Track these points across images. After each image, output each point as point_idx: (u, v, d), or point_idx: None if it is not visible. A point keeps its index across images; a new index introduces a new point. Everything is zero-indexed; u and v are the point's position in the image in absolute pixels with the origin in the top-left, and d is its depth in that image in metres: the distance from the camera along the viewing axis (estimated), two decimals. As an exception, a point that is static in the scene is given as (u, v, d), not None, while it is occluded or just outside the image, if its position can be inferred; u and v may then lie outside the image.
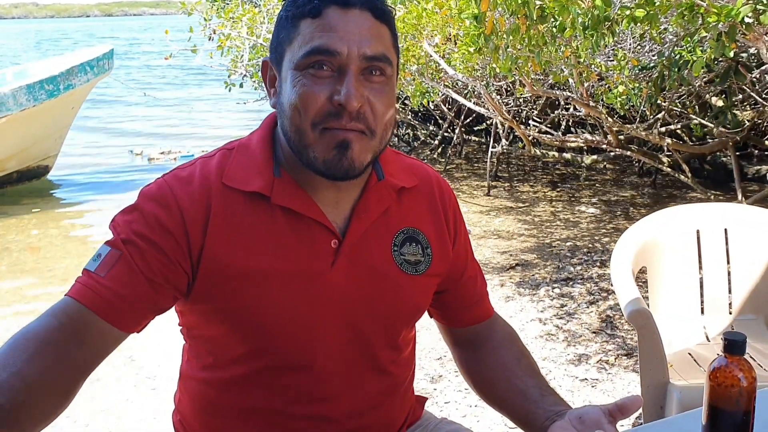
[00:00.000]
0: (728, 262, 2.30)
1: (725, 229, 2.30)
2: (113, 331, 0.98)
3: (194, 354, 1.13)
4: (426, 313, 1.22)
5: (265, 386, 1.07)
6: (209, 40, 6.30)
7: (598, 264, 4.35)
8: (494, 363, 1.20)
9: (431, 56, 4.77)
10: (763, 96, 4.28)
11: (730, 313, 2.27)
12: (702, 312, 2.28)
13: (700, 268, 2.31)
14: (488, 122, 6.49)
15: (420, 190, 1.15)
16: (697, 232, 2.31)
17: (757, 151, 5.69)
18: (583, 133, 6.05)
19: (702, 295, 2.29)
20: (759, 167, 5.50)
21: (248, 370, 1.06)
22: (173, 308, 1.10)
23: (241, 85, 6.65)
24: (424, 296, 1.15)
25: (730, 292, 2.30)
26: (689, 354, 2.13)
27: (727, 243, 2.29)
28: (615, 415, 1.02)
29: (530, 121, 6.27)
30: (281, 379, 1.06)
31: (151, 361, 3.22)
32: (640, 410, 2.42)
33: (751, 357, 2.08)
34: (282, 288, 1.02)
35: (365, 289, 1.07)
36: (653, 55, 4.11)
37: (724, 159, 5.94)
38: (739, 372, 0.98)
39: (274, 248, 1.02)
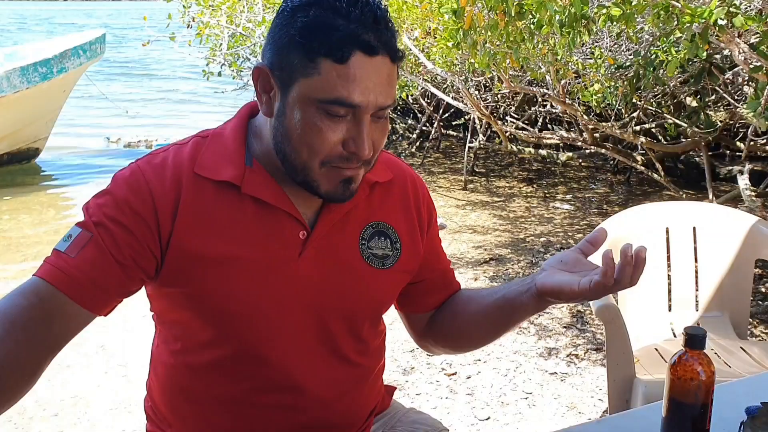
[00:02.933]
0: (696, 260, 2.34)
1: (694, 228, 2.34)
2: (82, 313, 0.98)
3: (163, 339, 1.13)
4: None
5: (231, 373, 1.08)
6: (188, 27, 6.25)
7: (570, 260, 4.40)
8: (456, 311, 1.23)
9: (411, 50, 4.78)
10: (736, 97, 4.34)
11: (697, 310, 2.31)
12: (669, 309, 2.32)
13: (669, 265, 2.34)
14: (466, 117, 6.52)
15: (393, 185, 1.17)
16: (667, 229, 2.34)
17: (729, 152, 5.78)
18: (560, 130, 6.10)
19: (670, 292, 2.33)
20: (730, 168, 5.58)
21: (214, 356, 1.07)
22: (145, 294, 1.11)
23: (219, 74, 6.60)
24: (390, 290, 1.17)
25: (697, 289, 2.34)
26: (656, 349, 2.17)
27: (695, 241, 2.33)
28: (587, 251, 1.07)
29: (508, 117, 6.31)
30: (247, 366, 1.07)
31: (122, 348, 3.21)
32: (606, 404, 2.46)
33: (716, 354, 2.12)
34: (248, 276, 1.03)
35: (330, 281, 1.08)
36: (629, 54, 4.15)
37: (697, 159, 6.02)
38: (699, 366, 1.01)
39: (242, 237, 1.04)
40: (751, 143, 4.56)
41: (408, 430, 1.22)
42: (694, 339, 1.01)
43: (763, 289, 3.77)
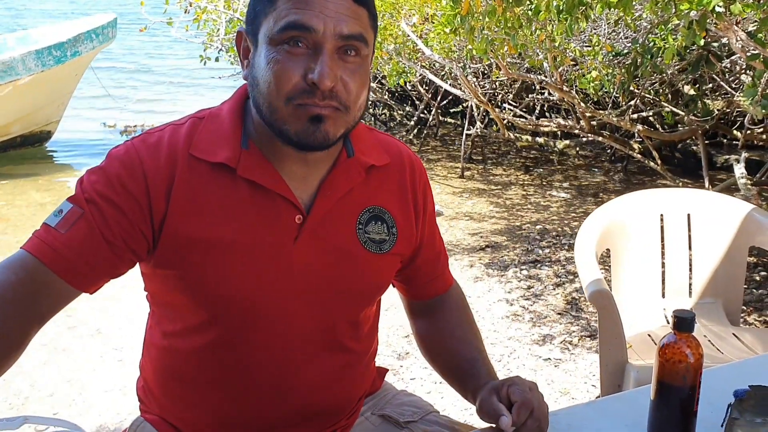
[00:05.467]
0: (690, 248, 2.35)
1: (688, 215, 2.34)
2: (68, 289, 0.98)
3: (156, 320, 1.13)
4: (392, 290, 1.24)
5: (224, 356, 1.07)
6: (185, 12, 6.22)
7: (566, 247, 4.41)
8: (442, 331, 1.24)
9: (409, 36, 4.77)
10: (733, 86, 4.34)
11: (690, 297, 2.32)
12: (663, 295, 2.33)
13: (663, 252, 2.35)
14: (464, 104, 6.51)
15: (390, 169, 1.15)
16: (661, 216, 2.35)
17: (726, 141, 5.78)
18: (557, 117, 6.09)
19: (663, 279, 2.34)
20: (727, 156, 5.58)
21: (207, 339, 1.07)
22: (140, 274, 1.11)
23: (216, 59, 6.58)
24: (387, 274, 1.16)
25: (690, 276, 2.35)
26: (648, 335, 2.18)
27: (689, 228, 2.34)
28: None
29: (505, 105, 6.30)
30: (239, 350, 1.07)
31: (118, 332, 3.22)
32: (599, 390, 2.47)
33: (708, 340, 2.13)
34: (243, 260, 1.02)
35: (327, 266, 1.07)
36: (627, 42, 4.14)
37: (694, 147, 6.02)
38: (687, 348, 1.02)
39: (238, 220, 1.02)
40: (748, 132, 4.56)
41: (398, 412, 1.22)
42: (683, 322, 1.02)
43: (757, 278, 3.78)
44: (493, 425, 1.08)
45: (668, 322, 2.27)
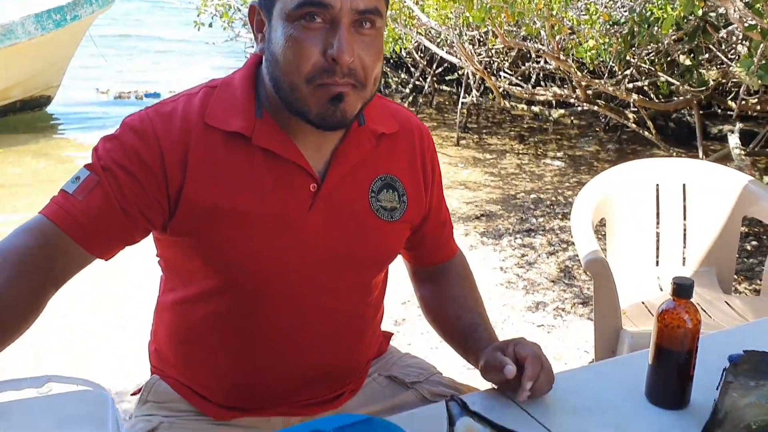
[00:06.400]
0: (684, 217, 2.38)
1: (684, 185, 2.37)
2: (84, 255, 1.00)
3: (170, 286, 1.15)
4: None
5: (237, 321, 1.10)
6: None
7: (560, 216, 4.44)
8: (445, 297, 1.27)
9: (405, 2, 4.74)
10: (729, 56, 4.34)
11: (684, 266, 2.36)
12: (657, 264, 2.37)
13: (658, 221, 2.38)
14: (460, 72, 6.49)
15: (400, 137, 1.17)
16: (657, 186, 2.38)
17: (720, 111, 5.80)
18: (552, 86, 6.09)
19: (658, 248, 2.38)
20: (721, 127, 5.61)
21: (221, 305, 1.09)
22: (148, 243, 1.12)
23: (210, 25, 6.52)
24: (397, 242, 1.19)
25: (684, 245, 2.38)
26: (642, 303, 2.22)
27: (684, 198, 2.37)
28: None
29: (501, 73, 6.28)
30: (253, 315, 1.09)
31: (117, 296, 3.24)
32: (591, 356, 2.52)
33: (701, 308, 2.17)
34: (259, 228, 1.04)
35: (341, 234, 1.09)
36: (625, 11, 4.13)
37: (688, 118, 6.04)
38: (686, 314, 1.05)
39: (253, 189, 1.04)
40: (743, 102, 4.58)
41: (403, 374, 1.25)
42: (682, 288, 1.05)
43: (748, 247, 3.83)
44: (495, 386, 1.12)
45: (661, 290, 2.31)
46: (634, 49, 4.37)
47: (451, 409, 1.00)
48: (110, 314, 3.11)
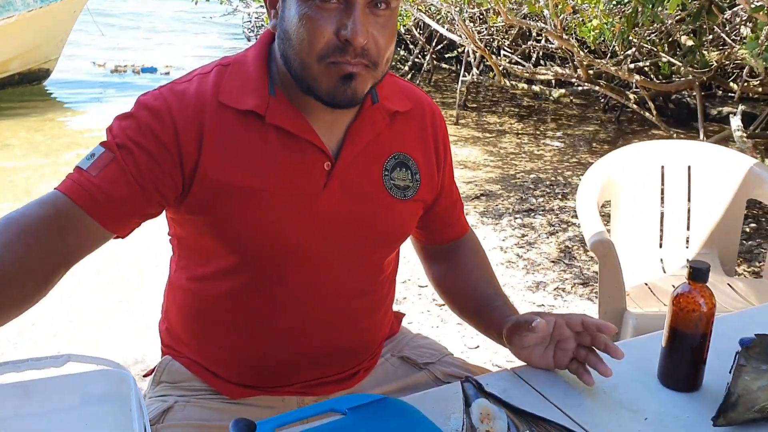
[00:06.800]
0: (689, 199, 2.38)
1: (689, 167, 2.37)
2: (98, 229, 0.99)
3: (183, 265, 1.15)
4: None
5: (251, 299, 1.10)
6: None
7: (559, 196, 4.45)
8: (461, 276, 1.27)
9: (407, -21, 4.69)
10: (732, 37, 4.33)
11: (688, 248, 2.37)
12: (660, 246, 2.38)
13: (662, 203, 2.39)
14: (459, 50, 6.45)
15: (413, 115, 1.16)
16: (662, 168, 2.37)
17: (720, 92, 5.79)
18: (553, 66, 6.06)
19: (662, 230, 2.38)
20: (721, 108, 5.61)
21: (235, 283, 1.09)
22: (164, 219, 1.12)
23: (207, 0, 6.46)
24: (410, 220, 1.18)
25: (688, 228, 2.39)
26: (646, 284, 2.23)
27: (689, 180, 2.37)
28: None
29: (501, 52, 6.25)
30: (267, 293, 1.09)
31: (117, 273, 3.24)
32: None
33: (702, 289, 2.18)
34: (273, 206, 1.04)
35: (355, 212, 1.09)
36: (629, -10, 4.10)
37: (687, 99, 6.03)
38: (701, 298, 1.05)
39: (267, 167, 1.03)
40: (745, 84, 4.57)
41: (416, 354, 1.26)
42: (698, 272, 1.05)
43: (747, 229, 3.85)
44: (508, 368, 1.12)
45: (665, 272, 2.32)
46: (636, 29, 4.35)
47: (466, 390, 1.00)
48: (117, 298, 3.11)
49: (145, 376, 1.25)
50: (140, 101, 1.03)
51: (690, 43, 4.63)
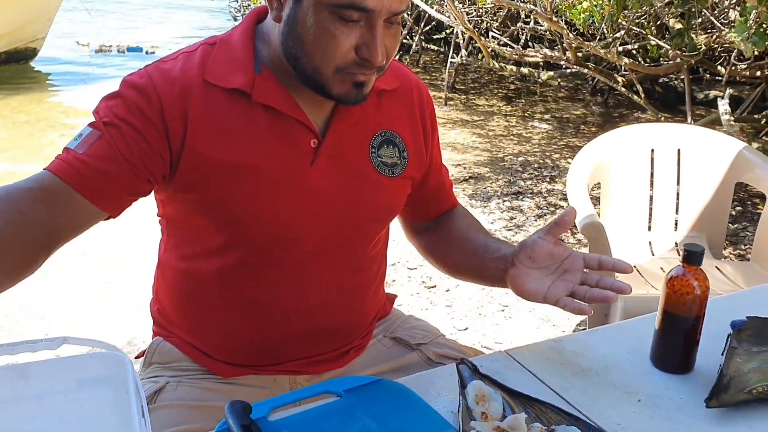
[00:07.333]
0: (678, 182, 2.40)
1: (678, 150, 2.38)
2: (87, 206, 0.98)
3: (173, 244, 1.14)
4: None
5: (241, 278, 1.10)
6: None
7: (547, 179, 4.46)
8: (454, 235, 1.26)
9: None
10: (720, 21, 4.33)
11: (676, 231, 2.39)
12: (649, 229, 2.39)
13: (651, 186, 2.40)
14: (448, 31, 6.42)
15: (400, 93, 1.17)
16: (651, 151, 2.38)
17: (708, 76, 5.81)
18: (542, 48, 6.05)
19: (651, 213, 2.40)
20: (708, 92, 5.63)
21: (225, 262, 1.09)
22: (153, 199, 1.11)
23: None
24: (399, 197, 1.19)
25: (677, 211, 2.40)
26: (635, 267, 2.24)
27: (678, 164, 2.38)
28: (555, 233, 1.08)
29: (490, 34, 6.23)
30: (256, 272, 1.09)
31: (103, 254, 3.22)
32: (586, 317, 2.55)
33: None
34: (261, 184, 1.04)
35: (342, 190, 1.09)
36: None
37: (675, 82, 6.05)
38: (695, 281, 1.06)
39: (254, 145, 1.03)
40: (733, 68, 4.59)
41: (408, 335, 1.26)
42: (693, 255, 1.05)
43: (733, 212, 3.88)
44: (502, 350, 1.13)
45: (653, 255, 2.34)
46: (626, 11, 4.34)
47: (462, 372, 1.00)
48: (105, 279, 3.09)
49: (136, 357, 1.25)
50: (126, 80, 1.03)
51: (678, 26, 4.63)
